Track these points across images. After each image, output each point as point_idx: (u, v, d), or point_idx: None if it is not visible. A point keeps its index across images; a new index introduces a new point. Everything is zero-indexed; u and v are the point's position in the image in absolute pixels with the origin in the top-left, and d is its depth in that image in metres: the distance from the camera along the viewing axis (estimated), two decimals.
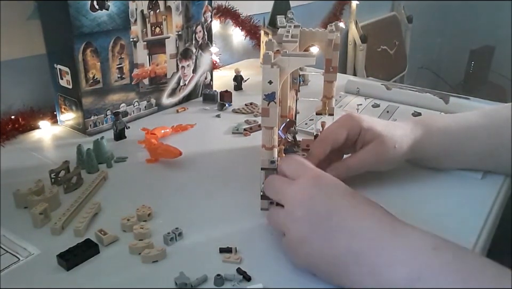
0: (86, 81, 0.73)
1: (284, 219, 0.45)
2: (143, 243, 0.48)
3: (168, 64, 0.85)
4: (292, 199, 0.45)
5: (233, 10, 1.17)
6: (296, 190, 0.45)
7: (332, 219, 0.42)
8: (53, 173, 0.61)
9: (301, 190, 0.45)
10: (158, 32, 0.82)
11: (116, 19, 0.74)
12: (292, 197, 0.45)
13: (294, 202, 0.45)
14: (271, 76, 0.49)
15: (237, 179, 0.64)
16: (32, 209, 0.52)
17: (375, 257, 0.39)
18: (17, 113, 0.77)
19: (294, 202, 0.45)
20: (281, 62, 0.49)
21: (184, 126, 0.79)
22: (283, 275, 0.46)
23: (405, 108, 0.87)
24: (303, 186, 0.45)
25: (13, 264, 0.47)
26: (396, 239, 0.40)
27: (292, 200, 0.45)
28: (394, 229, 0.41)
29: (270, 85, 0.49)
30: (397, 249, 0.39)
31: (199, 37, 0.90)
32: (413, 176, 0.65)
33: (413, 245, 0.39)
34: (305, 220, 0.43)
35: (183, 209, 0.57)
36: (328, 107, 0.66)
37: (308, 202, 0.44)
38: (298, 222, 0.43)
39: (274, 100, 0.49)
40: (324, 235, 0.42)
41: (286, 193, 0.46)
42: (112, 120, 0.76)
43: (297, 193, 0.45)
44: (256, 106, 0.89)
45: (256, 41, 1.21)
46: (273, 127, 0.51)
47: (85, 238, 0.50)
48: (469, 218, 0.56)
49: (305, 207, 0.44)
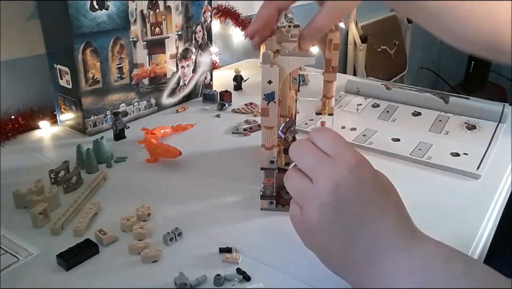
0: (86, 81, 0.73)
1: (309, 196, 0.41)
2: (143, 243, 0.48)
3: (167, 64, 0.85)
4: (327, 179, 0.40)
5: (233, 10, 1.17)
6: (333, 171, 0.40)
7: (360, 215, 0.39)
8: (53, 172, 0.61)
9: (338, 174, 0.40)
10: (158, 32, 0.82)
11: (115, 19, 0.74)
12: (328, 176, 0.40)
13: (328, 183, 0.40)
14: (271, 76, 0.49)
15: (237, 179, 0.64)
16: (32, 209, 0.52)
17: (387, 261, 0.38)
18: (17, 113, 0.77)
19: (328, 183, 0.40)
20: (281, 62, 0.49)
21: (184, 126, 0.79)
22: (283, 275, 0.46)
23: (404, 108, 0.87)
24: (342, 170, 0.40)
25: (12, 264, 0.47)
26: (410, 246, 0.38)
27: (326, 180, 0.40)
28: (412, 236, 0.39)
29: (269, 85, 0.49)
30: (408, 257, 0.38)
31: (198, 37, 0.90)
32: (413, 176, 0.65)
33: (424, 254, 0.38)
34: (333, 207, 0.39)
35: (183, 209, 0.57)
36: (328, 107, 0.66)
37: (343, 191, 0.39)
38: (324, 206, 0.40)
39: (273, 100, 0.49)
40: (347, 228, 0.39)
41: (320, 169, 0.41)
42: (111, 120, 0.76)
43: (334, 176, 0.40)
44: (256, 106, 0.89)
45: None
46: (272, 126, 0.51)
47: (84, 238, 0.50)
48: (469, 218, 0.56)
49: (338, 194, 0.39)
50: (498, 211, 0.59)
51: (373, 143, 0.73)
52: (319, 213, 0.40)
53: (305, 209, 0.41)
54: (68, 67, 0.73)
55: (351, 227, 0.39)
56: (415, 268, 0.37)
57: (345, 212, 0.39)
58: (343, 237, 0.40)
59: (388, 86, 0.93)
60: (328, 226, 0.40)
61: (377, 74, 1.87)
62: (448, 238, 0.40)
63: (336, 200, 0.39)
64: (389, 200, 0.41)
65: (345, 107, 0.88)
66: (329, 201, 0.39)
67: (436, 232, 0.40)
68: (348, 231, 0.39)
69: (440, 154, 0.70)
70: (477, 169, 0.66)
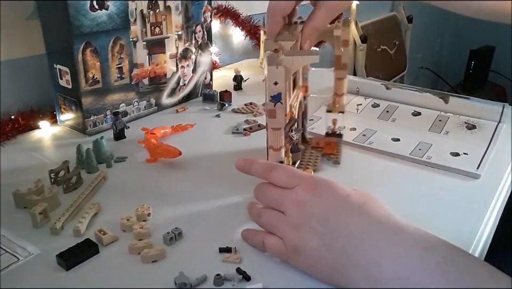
0: (86, 81, 0.73)
1: (286, 225, 0.45)
2: (143, 243, 0.48)
3: (167, 64, 0.85)
4: (296, 206, 0.45)
5: (233, 10, 1.17)
6: (294, 197, 0.46)
7: (330, 221, 0.43)
8: (53, 172, 0.61)
9: (299, 197, 0.45)
10: (158, 32, 0.82)
11: (115, 19, 0.74)
12: (296, 204, 0.45)
13: (298, 208, 0.45)
14: (277, 77, 0.48)
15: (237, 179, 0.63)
16: (32, 209, 0.52)
17: (367, 254, 0.40)
18: (17, 113, 0.77)
19: (298, 208, 0.45)
20: (286, 62, 0.49)
21: (183, 126, 0.79)
22: (283, 275, 0.45)
23: (404, 108, 0.87)
24: (301, 193, 0.45)
25: (12, 264, 0.47)
26: (388, 236, 0.40)
27: (295, 207, 0.45)
28: (388, 225, 0.41)
29: (275, 86, 0.48)
30: (388, 247, 0.40)
31: (198, 37, 0.90)
32: (413, 176, 0.65)
33: (404, 243, 0.39)
34: (304, 226, 0.44)
35: (182, 209, 0.56)
36: (339, 105, 0.65)
37: (307, 209, 0.44)
38: (297, 229, 0.44)
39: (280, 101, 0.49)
40: (322, 237, 0.42)
41: (286, 201, 0.46)
42: (111, 120, 0.76)
43: (295, 200, 0.45)
44: (256, 106, 0.89)
45: (256, 41, 1.21)
46: (280, 128, 0.51)
47: (84, 237, 0.50)
48: (469, 218, 0.55)
49: (304, 213, 0.44)
50: (498, 211, 0.59)
51: (373, 143, 0.73)
52: (299, 234, 0.44)
53: (286, 238, 0.45)
54: (67, 67, 0.73)
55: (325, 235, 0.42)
56: (395, 258, 0.39)
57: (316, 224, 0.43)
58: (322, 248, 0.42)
59: (388, 86, 0.93)
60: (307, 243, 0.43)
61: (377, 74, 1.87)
62: (448, 237, 0.40)
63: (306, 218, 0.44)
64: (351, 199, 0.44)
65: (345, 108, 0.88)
66: (298, 222, 0.44)
67: (436, 232, 0.40)
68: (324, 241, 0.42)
69: (440, 154, 0.70)
70: (476, 169, 0.66)
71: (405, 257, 0.38)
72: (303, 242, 0.44)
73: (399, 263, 0.38)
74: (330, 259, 0.42)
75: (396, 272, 0.38)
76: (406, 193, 0.60)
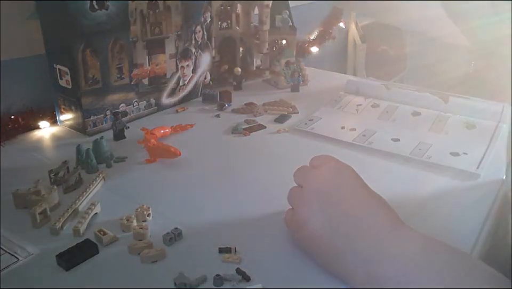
0: (86, 81, 0.73)
1: (299, 197, 0.48)
2: (142, 243, 0.48)
3: (167, 64, 0.85)
4: (310, 182, 0.47)
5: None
6: (315, 175, 0.48)
7: (341, 205, 0.44)
8: (52, 173, 0.61)
9: (319, 176, 0.47)
10: (158, 32, 0.82)
11: (115, 19, 0.74)
12: (310, 180, 0.48)
13: (310, 185, 0.47)
14: None
15: (236, 179, 0.64)
16: (32, 209, 0.52)
17: (370, 247, 0.41)
18: (17, 113, 0.77)
19: (310, 185, 0.47)
20: None
21: (183, 126, 0.79)
22: (283, 275, 0.46)
23: (404, 108, 0.87)
24: (322, 172, 0.47)
25: (12, 264, 0.47)
26: (391, 235, 0.41)
27: (309, 182, 0.47)
28: (394, 225, 0.42)
29: None
30: (390, 244, 0.40)
31: (198, 37, 0.90)
32: (413, 175, 0.65)
33: (405, 242, 0.40)
34: (316, 203, 0.45)
35: (182, 209, 0.56)
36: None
37: (324, 188, 0.46)
38: (308, 204, 0.46)
39: None
40: (329, 219, 0.44)
41: (307, 177, 0.49)
42: (111, 120, 0.76)
43: (315, 178, 0.47)
44: (256, 106, 0.89)
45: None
46: None
47: (84, 238, 0.50)
48: (469, 217, 0.56)
49: (320, 191, 0.46)
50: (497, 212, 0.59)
51: (373, 143, 0.73)
52: (308, 209, 0.46)
53: (295, 209, 0.48)
54: (67, 67, 0.73)
55: (332, 218, 0.44)
56: (395, 256, 0.39)
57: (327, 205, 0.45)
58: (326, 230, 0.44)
59: (388, 86, 0.94)
60: (314, 218, 0.45)
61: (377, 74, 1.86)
62: (448, 237, 0.40)
63: (319, 195, 0.46)
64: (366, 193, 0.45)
65: (345, 108, 0.88)
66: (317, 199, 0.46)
67: (435, 232, 0.41)
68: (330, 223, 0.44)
69: (440, 154, 0.70)
70: (476, 168, 0.66)
71: (405, 256, 0.39)
72: (310, 218, 0.45)
73: (399, 261, 0.39)
74: (332, 242, 0.43)
75: (395, 270, 0.38)
76: (405, 193, 0.60)
